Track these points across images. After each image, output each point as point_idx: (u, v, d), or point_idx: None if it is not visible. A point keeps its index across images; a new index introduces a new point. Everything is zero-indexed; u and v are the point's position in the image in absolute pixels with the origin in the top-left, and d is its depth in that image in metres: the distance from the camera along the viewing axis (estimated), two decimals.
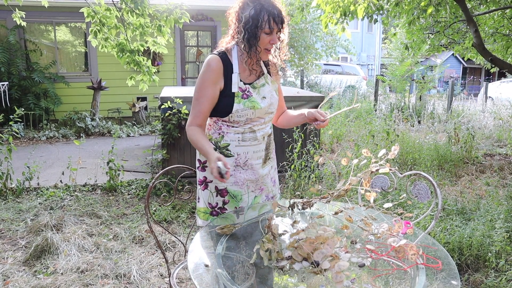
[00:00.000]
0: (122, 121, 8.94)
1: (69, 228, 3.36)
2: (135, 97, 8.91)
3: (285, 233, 1.53)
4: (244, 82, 1.77)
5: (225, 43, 1.80)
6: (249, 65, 1.76)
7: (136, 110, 8.74)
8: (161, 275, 2.76)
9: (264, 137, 1.85)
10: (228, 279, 1.22)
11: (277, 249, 1.35)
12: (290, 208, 1.69)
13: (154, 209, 3.90)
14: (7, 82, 7.90)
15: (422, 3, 4.35)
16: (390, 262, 1.34)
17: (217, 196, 1.84)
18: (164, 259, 2.10)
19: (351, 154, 1.78)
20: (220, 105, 1.76)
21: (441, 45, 6.89)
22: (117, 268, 2.80)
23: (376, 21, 5.33)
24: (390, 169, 1.59)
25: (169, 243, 3.19)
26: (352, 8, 4.71)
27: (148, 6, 4.37)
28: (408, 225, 1.46)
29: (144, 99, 9.12)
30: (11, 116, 4.69)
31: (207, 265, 1.33)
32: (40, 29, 9.07)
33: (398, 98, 11.02)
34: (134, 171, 5.31)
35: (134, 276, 2.71)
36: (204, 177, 1.86)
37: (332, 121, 7.17)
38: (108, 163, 4.40)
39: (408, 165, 5.04)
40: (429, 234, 1.93)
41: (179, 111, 4.44)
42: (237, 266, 1.35)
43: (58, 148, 6.76)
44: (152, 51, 4.84)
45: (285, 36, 1.75)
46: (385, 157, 1.61)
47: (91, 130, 8.02)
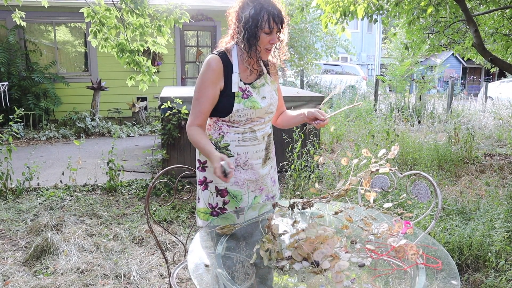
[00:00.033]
0: (122, 121, 8.94)
1: (69, 228, 3.36)
2: (135, 97, 8.91)
3: (285, 233, 1.53)
4: (244, 82, 1.77)
5: (225, 43, 1.80)
6: (249, 65, 1.76)
7: (136, 110, 8.74)
8: (161, 275, 2.76)
9: (264, 137, 1.85)
10: (228, 279, 1.22)
11: (277, 249, 1.35)
12: (290, 208, 1.69)
13: (154, 209, 3.90)
14: (7, 82, 7.90)
15: (422, 3, 4.35)
16: (390, 262, 1.34)
17: (217, 196, 1.84)
18: (164, 259, 2.10)
19: (351, 154, 1.78)
20: (220, 105, 1.76)
21: (441, 45, 6.89)
22: (117, 268, 2.80)
23: (376, 21, 5.33)
24: (390, 169, 1.59)
25: (169, 243, 3.19)
26: (352, 8, 4.71)
27: (148, 6, 4.37)
28: (408, 225, 1.46)
29: (144, 99, 9.12)
30: (11, 116, 4.69)
31: (207, 265, 1.33)
32: (40, 29, 9.06)
33: (398, 98, 11.02)
34: (134, 171, 5.31)
35: (134, 276, 2.71)
36: (204, 178, 1.85)
37: (332, 121, 7.16)
38: (108, 163, 4.40)
39: (408, 165, 5.04)
40: (429, 234, 1.93)
41: (179, 111, 4.45)
42: (237, 266, 1.35)
43: (58, 148, 6.75)
44: (152, 51, 4.84)
45: (285, 36, 1.76)
46: (385, 157, 1.61)
47: (91, 130, 8.02)
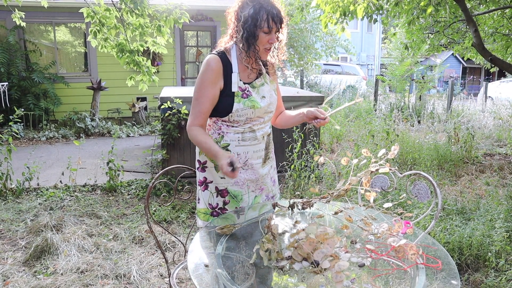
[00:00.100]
0: (122, 121, 8.94)
1: (69, 229, 3.36)
2: (135, 97, 8.91)
3: (285, 233, 1.53)
4: (244, 82, 1.77)
5: (224, 43, 1.80)
6: (249, 64, 1.76)
7: (136, 110, 8.74)
8: (161, 275, 2.76)
9: (264, 137, 1.85)
10: (228, 279, 1.22)
11: (277, 249, 1.35)
12: (290, 208, 1.69)
13: (154, 209, 3.90)
14: (7, 83, 7.90)
15: (422, 3, 4.35)
16: (390, 262, 1.34)
17: (218, 197, 1.84)
18: (164, 259, 2.10)
19: (351, 154, 1.78)
20: (220, 105, 1.76)
21: (441, 45, 6.89)
22: (117, 268, 2.80)
23: (376, 21, 5.33)
24: (390, 169, 1.59)
25: (169, 243, 3.19)
26: (352, 8, 4.71)
27: (148, 6, 4.37)
28: (408, 225, 1.46)
29: (144, 99, 9.12)
30: (11, 117, 4.69)
31: (207, 265, 1.33)
32: (40, 30, 9.06)
33: (398, 98, 11.02)
34: (134, 171, 5.31)
35: (134, 276, 2.71)
36: (204, 178, 1.85)
37: (335, 120, 7.16)
38: (108, 164, 4.40)
39: (408, 165, 5.04)
40: (429, 234, 1.93)
41: (179, 111, 4.45)
42: (237, 266, 1.35)
43: (58, 149, 6.75)
44: (152, 51, 4.83)
45: (284, 36, 1.76)
46: (385, 157, 1.61)
47: (91, 131, 8.02)
